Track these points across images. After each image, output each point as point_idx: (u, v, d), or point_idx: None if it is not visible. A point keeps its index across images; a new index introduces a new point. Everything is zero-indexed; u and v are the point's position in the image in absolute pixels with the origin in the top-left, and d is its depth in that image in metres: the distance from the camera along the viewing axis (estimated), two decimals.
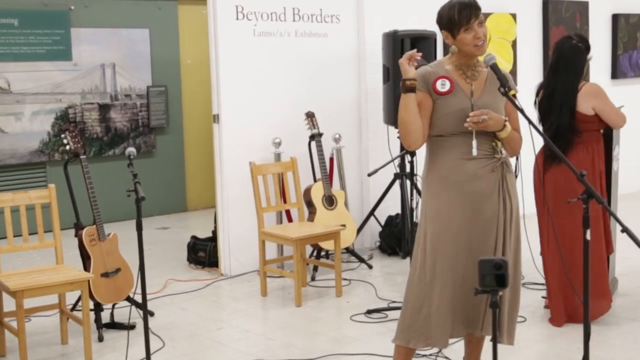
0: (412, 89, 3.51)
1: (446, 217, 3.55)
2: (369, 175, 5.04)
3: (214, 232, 6.62)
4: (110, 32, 8.71)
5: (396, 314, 5.14)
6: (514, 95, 3.56)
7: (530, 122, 3.61)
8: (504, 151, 3.63)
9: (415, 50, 3.56)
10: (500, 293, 1.87)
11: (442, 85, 3.55)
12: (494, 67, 3.59)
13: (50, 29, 8.29)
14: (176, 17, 9.25)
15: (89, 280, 4.73)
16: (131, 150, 4.37)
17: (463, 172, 3.55)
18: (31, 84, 8.21)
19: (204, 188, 9.32)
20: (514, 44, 8.15)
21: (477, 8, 3.57)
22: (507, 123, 3.57)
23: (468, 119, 3.49)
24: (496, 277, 2.02)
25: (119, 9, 8.78)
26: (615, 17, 9.07)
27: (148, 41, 8.99)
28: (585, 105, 4.83)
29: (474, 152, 3.53)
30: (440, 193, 3.59)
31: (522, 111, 3.58)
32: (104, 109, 8.72)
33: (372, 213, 6.79)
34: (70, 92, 8.47)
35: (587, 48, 4.94)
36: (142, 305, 3.94)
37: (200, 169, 9.45)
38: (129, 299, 5.19)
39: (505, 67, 8.04)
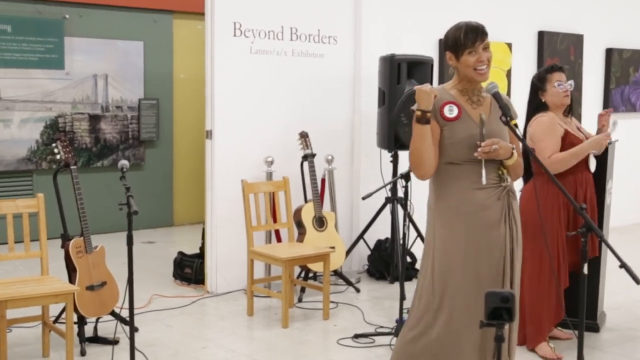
0: (428, 121, 3.45)
1: (455, 248, 3.51)
2: (364, 198, 4.99)
3: (202, 249, 6.55)
4: (104, 42, 8.66)
5: (384, 339, 5.12)
6: (516, 125, 3.54)
7: (530, 151, 3.60)
8: (509, 179, 3.60)
9: (430, 87, 3.50)
10: (506, 327, 1.83)
11: (450, 111, 3.51)
12: (496, 96, 3.58)
13: (43, 37, 8.23)
14: (171, 30, 9.22)
15: (74, 293, 4.64)
16: (124, 163, 4.30)
17: (472, 202, 3.50)
18: (22, 91, 8.14)
19: (192, 203, 9.26)
20: (508, 74, 8.16)
21: (484, 32, 3.58)
22: (514, 151, 3.54)
23: (479, 149, 3.45)
24: (503, 310, 1.97)
25: (114, 20, 8.74)
26: (609, 52, 9.11)
27: (142, 53, 8.94)
28: (527, 137, 4.87)
29: (484, 181, 3.49)
30: (449, 223, 3.54)
31: (522, 141, 3.56)
32: (94, 119, 8.65)
33: (361, 236, 6.75)
34: (60, 101, 8.40)
35: (544, 74, 4.94)
36: (129, 322, 3.87)
37: (188, 184, 9.39)
38: (113, 313, 5.11)
39: None
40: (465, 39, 3.52)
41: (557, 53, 8.49)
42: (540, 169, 4.36)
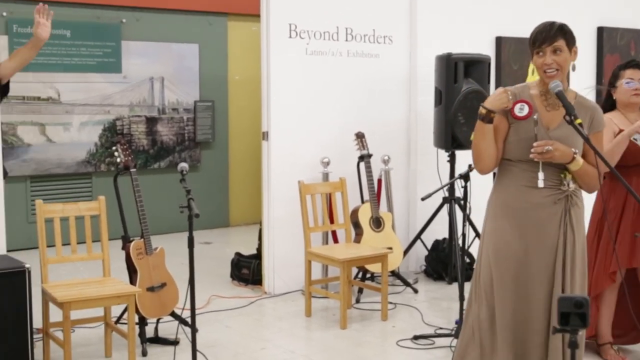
0: (491, 121, 3.49)
1: (502, 242, 3.53)
2: (423, 199, 4.95)
3: (259, 250, 6.57)
4: (160, 46, 8.75)
5: (444, 341, 5.08)
6: (580, 125, 3.47)
7: (596, 151, 3.51)
8: (572, 184, 3.53)
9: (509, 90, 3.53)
10: (580, 333, 1.79)
11: (521, 110, 3.49)
12: (560, 95, 3.51)
13: (101, 41, 8.35)
14: (226, 32, 9.28)
15: (135, 294, 4.70)
16: (184, 165, 4.35)
17: (524, 200, 3.50)
18: (81, 95, 8.27)
19: (248, 204, 9.30)
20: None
21: (554, 35, 3.49)
22: (576, 156, 3.48)
23: (532, 150, 3.42)
24: (576, 315, 1.93)
25: (170, 23, 8.82)
26: None
27: (197, 56, 9.02)
28: None
29: (540, 184, 3.46)
30: (499, 217, 3.57)
31: (587, 140, 3.49)
32: (151, 122, 8.75)
33: (418, 236, 6.70)
34: (118, 104, 8.51)
35: (617, 70, 4.75)
36: (191, 324, 3.90)
37: (244, 185, 9.43)
38: (173, 314, 5.16)
39: None
40: (534, 40, 3.52)
41: (617, 49, 8.32)
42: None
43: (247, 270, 6.59)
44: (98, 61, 8.35)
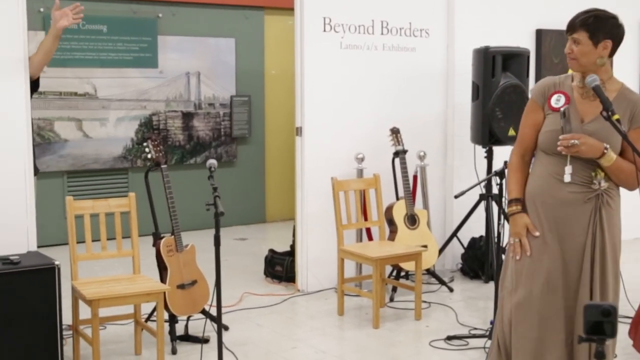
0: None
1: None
2: (456, 197, 4.83)
3: (292, 247, 6.50)
4: (197, 40, 8.72)
5: (478, 342, 4.96)
6: (618, 120, 3.33)
7: (634, 148, 3.37)
8: (604, 182, 3.40)
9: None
10: (608, 343, 1.70)
11: (557, 101, 3.43)
12: (597, 90, 3.39)
13: (137, 36, 8.34)
14: (262, 27, 9.21)
15: (164, 292, 4.66)
16: (212, 162, 4.28)
17: (551, 195, 3.42)
18: (117, 90, 8.27)
19: (284, 200, 9.24)
20: None
21: (573, 25, 3.46)
22: (607, 151, 3.33)
23: (558, 142, 3.31)
24: (605, 324, 1.83)
25: (206, 17, 8.78)
26: None
27: (233, 51, 8.97)
28: None
29: (567, 178, 3.35)
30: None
31: (625, 136, 3.35)
32: (187, 117, 8.73)
33: (455, 234, 6.58)
34: (154, 100, 8.50)
35: None
36: (217, 323, 3.84)
37: (280, 181, 9.38)
38: (204, 311, 5.11)
39: None
40: (567, 26, 3.50)
41: None
42: None
43: (281, 268, 6.53)
44: (134, 56, 8.35)
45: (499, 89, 6.13)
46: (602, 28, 3.42)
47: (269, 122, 9.36)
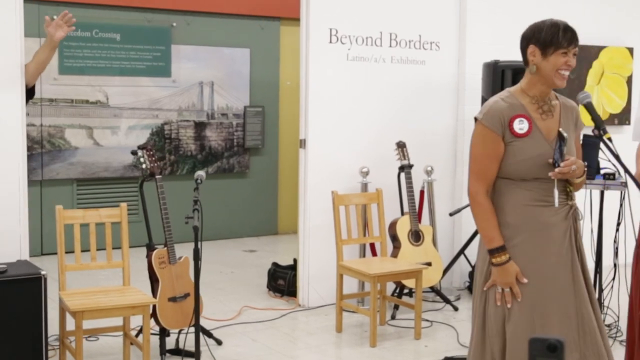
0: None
1: (525, 261, 3.21)
2: (451, 214, 4.71)
3: (295, 260, 6.40)
4: (211, 50, 8.67)
5: None
6: (609, 139, 3.20)
7: (627, 171, 3.24)
8: (575, 196, 3.27)
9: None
10: None
11: (521, 128, 3.15)
12: (589, 107, 3.26)
13: (151, 45, 8.31)
14: (278, 37, 9.14)
15: (151, 306, 4.57)
16: (200, 174, 4.20)
17: (536, 220, 3.18)
18: (129, 99, 8.24)
19: (296, 212, 9.10)
20: (629, 80, 7.62)
21: (578, 37, 3.23)
22: (586, 168, 3.23)
23: (557, 170, 3.11)
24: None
25: (221, 27, 8.74)
26: None
27: (248, 61, 8.91)
28: None
29: (556, 203, 3.16)
30: (509, 238, 3.21)
31: (617, 157, 3.21)
32: (199, 126, 8.67)
33: (462, 251, 6.42)
34: (167, 109, 8.46)
35: None
36: (195, 339, 3.74)
37: (293, 193, 9.19)
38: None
39: (618, 104, 7.55)
40: (562, 38, 3.18)
41: None
42: None
43: (283, 282, 6.43)
44: (147, 65, 8.32)
45: None
46: None
47: (283, 133, 9.28)
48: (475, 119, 3.23)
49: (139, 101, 8.30)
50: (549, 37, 3.18)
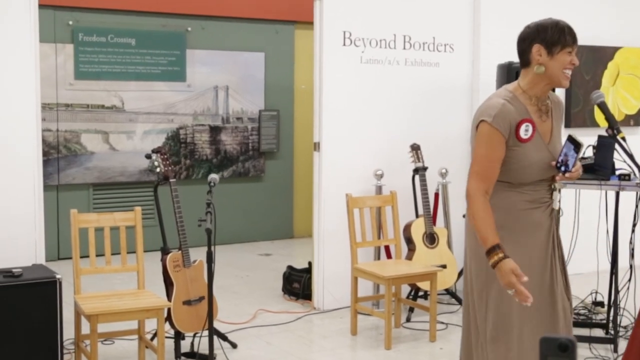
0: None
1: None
2: (465, 216, 4.67)
3: (310, 263, 6.40)
4: (226, 54, 8.69)
5: None
6: (624, 138, 3.18)
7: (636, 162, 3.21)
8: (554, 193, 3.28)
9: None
10: None
11: (526, 132, 3.13)
12: (602, 106, 3.25)
13: (166, 50, 8.34)
14: (292, 41, 9.15)
15: (166, 309, 4.58)
16: (213, 177, 4.22)
17: (526, 221, 3.20)
18: (144, 104, 8.27)
19: (311, 216, 9.10)
20: None
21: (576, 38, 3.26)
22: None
23: (567, 175, 3.11)
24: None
25: (236, 31, 8.75)
26: None
27: (263, 65, 8.92)
28: None
29: (556, 205, 3.22)
30: (503, 241, 3.16)
31: (632, 157, 3.19)
32: (214, 131, 8.70)
33: None
34: (182, 113, 8.49)
35: None
36: (209, 341, 3.75)
37: (308, 196, 9.22)
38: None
39: (633, 105, 7.50)
40: (568, 36, 3.20)
41: None
42: None
43: (298, 285, 6.43)
44: (163, 70, 8.35)
45: None
46: None
47: (298, 137, 9.28)
48: (483, 121, 3.15)
49: (154, 106, 8.33)
50: (555, 36, 3.19)
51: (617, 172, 5.00)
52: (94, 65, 7.97)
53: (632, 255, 5.22)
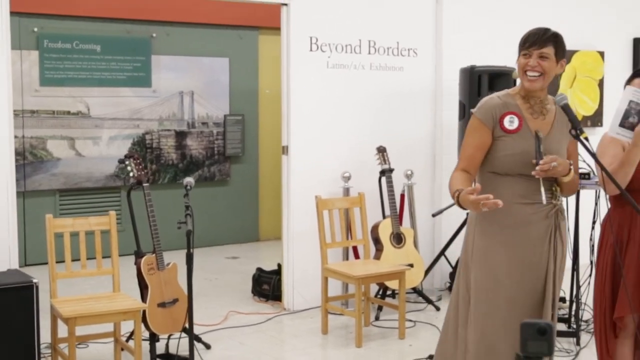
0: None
1: (493, 261, 3.38)
2: (434, 215, 4.85)
3: (280, 265, 6.50)
4: (191, 60, 8.76)
5: None
6: (586, 139, 3.34)
7: (603, 168, 3.37)
8: (561, 197, 3.43)
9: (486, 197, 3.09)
10: None
11: (511, 123, 3.36)
12: (566, 108, 3.39)
13: (131, 56, 8.39)
14: (256, 46, 9.25)
15: (142, 311, 4.65)
16: (189, 180, 4.31)
17: (517, 216, 3.34)
18: (110, 109, 8.31)
19: (277, 219, 9.15)
20: (600, 83, 7.82)
21: (546, 40, 3.38)
22: (571, 167, 3.36)
23: (537, 168, 3.26)
24: (541, 343, 1.82)
25: (200, 37, 8.83)
26: None
27: (227, 70, 9.01)
28: None
29: (544, 200, 3.32)
30: (488, 234, 3.39)
31: (594, 156, 3.35)
32: (180, 136, 8.76)
33: (442, 253, 6.56)
34: (147, 119, 8.53)
35: (627, 80, 4.15)
36: (189, 341, 3.84)
37: (274, 200, 9.34)
38: (185, 330, 5.10)
39: (590, 106, 7.73)
40: (524, 41, 3.41)
41: None
42: (614, 195, 3.78)
43: (268, 286, 6.53)
44: (128, 75, 8.39)
45: None
46: (563, 47, 3.45)
47: (263, 141, 9.38)
48: (472, 114, 3.44)
49: (119, 111, 8.36)
50: (521, 41, 3.42)
51: None
52: (59, 71, 7.99)
53: (592, 252, 5.41)
